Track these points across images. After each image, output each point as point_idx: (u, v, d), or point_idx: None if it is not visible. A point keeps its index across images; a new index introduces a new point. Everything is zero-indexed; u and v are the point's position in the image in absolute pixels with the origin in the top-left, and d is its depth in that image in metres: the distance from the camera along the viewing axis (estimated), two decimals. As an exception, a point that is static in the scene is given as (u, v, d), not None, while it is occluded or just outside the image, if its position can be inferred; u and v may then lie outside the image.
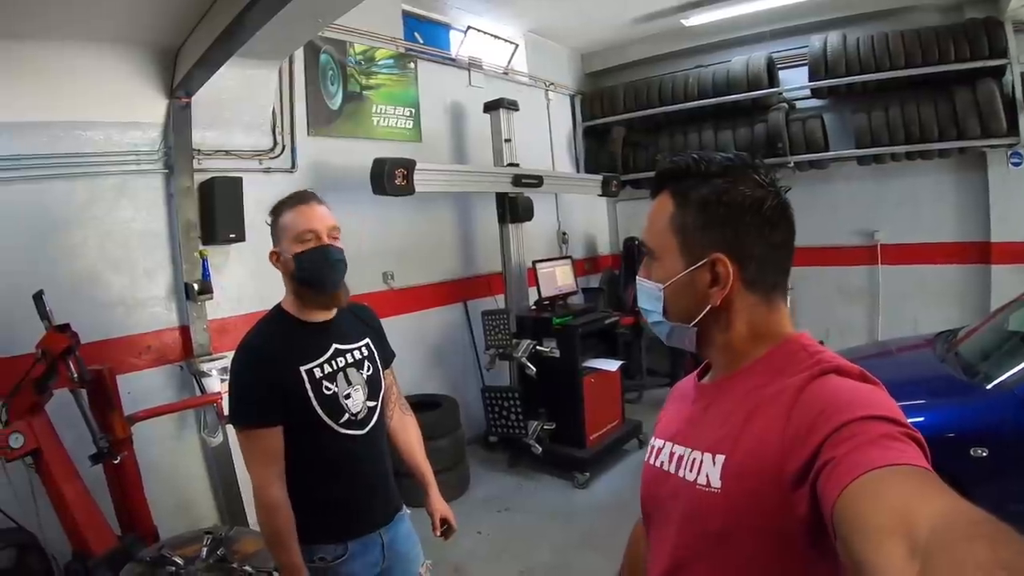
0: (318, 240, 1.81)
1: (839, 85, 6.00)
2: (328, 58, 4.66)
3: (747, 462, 0.89)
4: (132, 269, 3.64)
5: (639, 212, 7.63)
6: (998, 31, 5.28)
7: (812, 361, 0.93)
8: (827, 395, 0.85)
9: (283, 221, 1.83)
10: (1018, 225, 5.61)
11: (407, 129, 5.32)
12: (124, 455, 2.98)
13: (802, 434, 0.81)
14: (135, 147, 3.62)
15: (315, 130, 4.61)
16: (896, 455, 0.71)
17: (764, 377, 0.97)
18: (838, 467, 0.73)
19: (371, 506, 1.94)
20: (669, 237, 1.04)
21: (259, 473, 1.76)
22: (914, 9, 5.92)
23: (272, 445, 1.76)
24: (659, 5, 6.26)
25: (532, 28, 6.79)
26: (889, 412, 0.79)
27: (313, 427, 1.81)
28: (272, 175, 4.31)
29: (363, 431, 1.90)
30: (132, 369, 3.54)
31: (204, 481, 3.85)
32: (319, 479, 1.84)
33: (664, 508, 1.06)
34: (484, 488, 4.85)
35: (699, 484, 0.95)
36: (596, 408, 5.04)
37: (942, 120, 5.53)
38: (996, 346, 3.62)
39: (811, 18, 6.22)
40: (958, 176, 5.98)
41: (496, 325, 4.98)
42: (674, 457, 1.05)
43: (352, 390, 1.88)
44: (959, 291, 5.98)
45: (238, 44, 3.27)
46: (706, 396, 1.08)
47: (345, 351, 1.92)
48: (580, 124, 7.71)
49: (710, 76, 6.66)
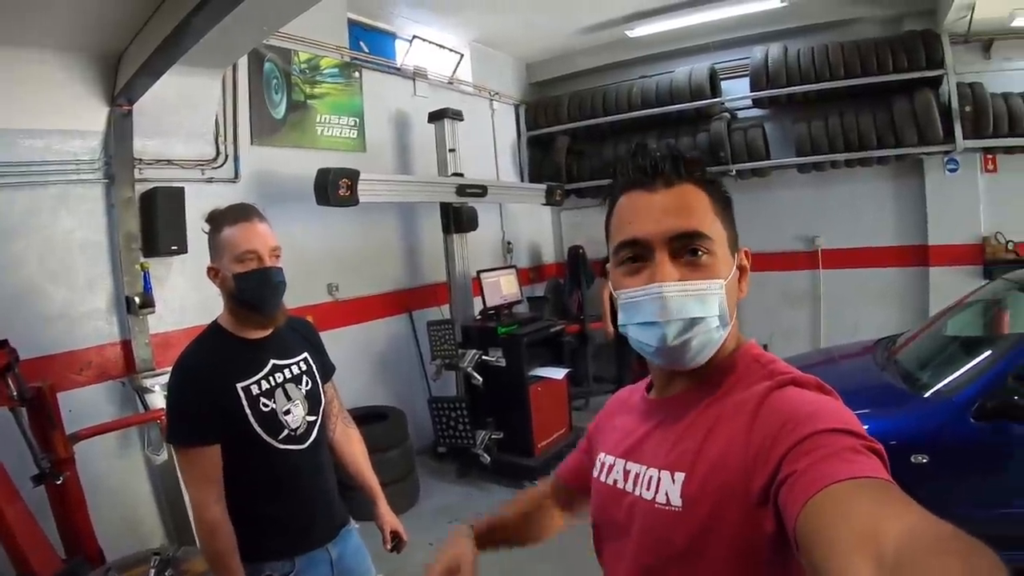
0: (259, 261, 1.78)
1: (780, 95, 6.23)
2: (272, 66, 4.61)
3: (709, 480, 0.87)
4: (73, 281, 3.52)
5: (584, 221, 7.83)
6: (935, 43, 5.57)
7: (766, 372, 0.93)
8: (787, 408, 0.84)
9: (223, 237, 1.79)
10: (954, 228, 5.92)
11: (351, 139, 5.30)
12: (67, 475, 2.89)
13: (765, 449, 0.81)
14: (76, 156, 3.52)
15: (259, 139, 4.55)
16: (859, 468, 0.71)
17: (719, 391, 0.95)
18: (800, 480, 0.72)
19: (316, 521, 1.92)
20: (718, 228, 0.96)
21: (198, 493, 1.73)
22: (854, 22, 6.20)
23: (210, 464, 1.73)
24: (604, 16, 6.42)
25: (477, 38, 6.84)
26: (849, 424, 0.78)
27: (252, 444, 1.79)
28: (215, 185, 4.22)
29: (303, 446, 1.88)
30: (73, 386, 3.42)
31: (150, 500, 3.75)
32: (261, 496, 1.82)
33: (620, 525, 1.03)
34: (434, 499, 4.83)
35: (658, 503, 0.93)
36: (543, 416, 5.10)
37: (880, 129, 5.79)
38: (934, 353, 3.76)
39: (753, 30, 6.46)
40: (896, 182, 6.27)
41: (441, 335, 4.99)
42: (629, 475, 1.03)
43: (291, 405, 1.87)
44: (899, 293, 6.26)
45: (182, 51, 3.23)
46: (658, 412, 1.05)
47: (283, 366, 1.90)
48: (524, 134, 7.80)
49: (653, 86, 6.84)
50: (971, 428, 2.90)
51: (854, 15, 6.16)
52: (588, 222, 7.87)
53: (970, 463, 2.96)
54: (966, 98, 5.51)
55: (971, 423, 2.90)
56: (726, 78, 6.80)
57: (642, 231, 0.94)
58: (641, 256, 0.95)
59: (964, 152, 5.69)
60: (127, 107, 3.62)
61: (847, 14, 6.16)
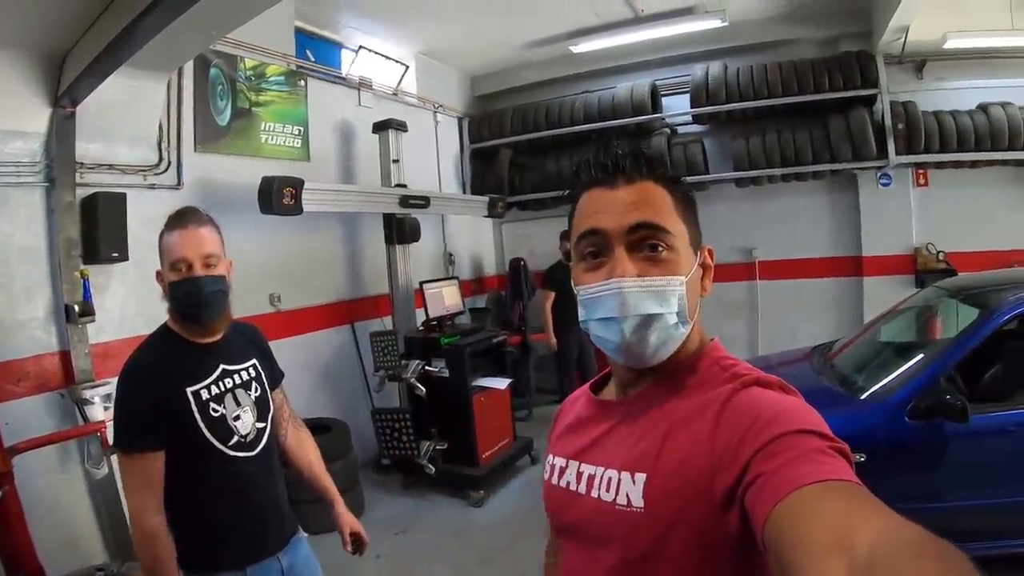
0: (189, 270, 1.76)
1: (720, 112, 6.49)
2: (218, 72, 4.53)
3: (672, 480, 0.87)
4: (9, 288, 3.37)
5: (526, 233, 7.97)
6: (870, 64, 5.93)
7: (729, 374, 0.93)
8: (753, 409, 0.84)
9: (163, 243, 1.79)
10: (887, 240, 6.29)
11: (295, 148, 5.25)
12: (6, 490, 2.77)
13: (731, 449, 0.81)
14: (16, 158, 3.37)
15: (202, 146, 4.46)
16: (828, 470, 0.71)
17: (681, 391, 0.95)
18: (769, 482, 0.72)
19: (267, 529, 1.90)
20: (680, 225, 0.97)
21: (136, 500, 1.69)
22: (792, 42, 6.51)
23: (152, 470, 1.69)
24: (549, 32, 6.56)
25: (423, 50, 6.88)
26: (816, 425, 0.79)
27: (201, 450, 1.76)
28: (157, 191, 4.12)
29: (253, 452, 1.86)
30: (10, 397, 3.27)
31: (90, 515, 3.58)
32: (210, 504, 1.80)
33: (578, 529, 1.02)
34: (380, 511, 4.79)
35: (619, 504, 0.92)
36: (487, 426, 5.12)
37: (817, 145, 6.10)
38: (869, 358, 3.96)
39: (694, 48, 6.68)
40: (831, 196, 6.60)
41: (384, 346, 4.99)
42: (583, 476, 1.01)
43: (241, 411, 1.85)
44: (835, 302, 6.57)
45: (129, 53, 3.17)
46: (614, 412, 1.04)
47: (232, 372, 1.88)
48: (468, 146, 7.84)
49: (596, 101, 7.01)
50: (906, 427, 3.06)
51: (792, 36, 6.47)
52: (530, 235, 8.00)
53: (906, 460, 3.11)
54: (899, 116, 5.86)
55: (906, 422, 3.06)
56: (667, 94, 7.03)
57: (601, 222, 0.95)
58: (601, 251, 0.96)
59: (897, 167, 6.05)
60: (71, 108, 3.50)
61: (785, 35, 6.47)
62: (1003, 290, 3.45)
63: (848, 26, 6.21)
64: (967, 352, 3.23)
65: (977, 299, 3.52)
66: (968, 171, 6.06)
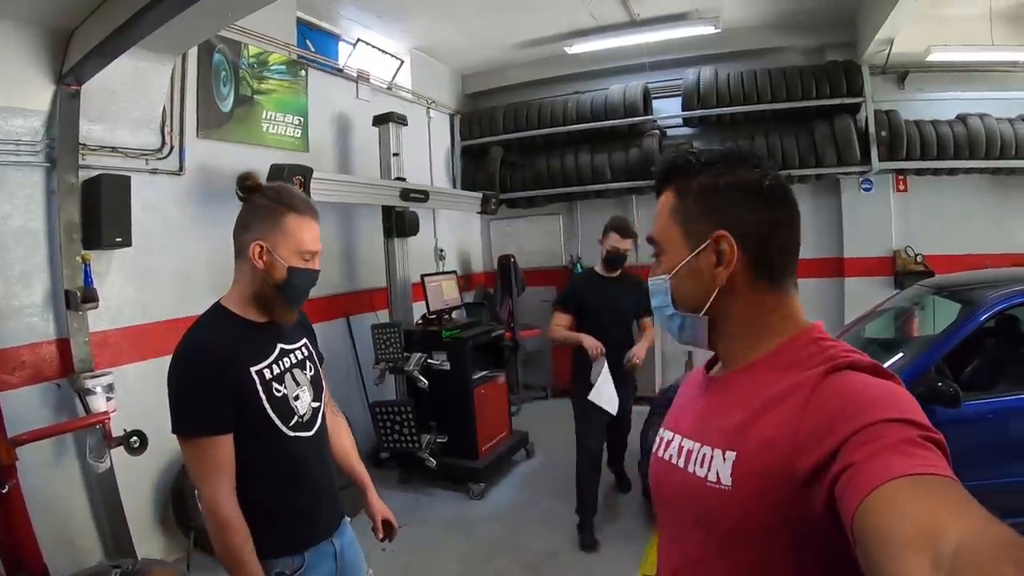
0: (313, 263, 1.78)
1: (710, 115, 6.61)
2: (222, 58, 4.40)
3: (759, 459, 0.88)
4: (6, 272, 3.21)
5: (515, 231, 7.98)
6: (855, 73, 6.14)
7: (825, 356, 0.93)
8: (844, 393, 0.83)
9: (291, 223, 1.72)
10: (867, 242, 6.50)
11: (295, 138, 5.13)
12: (11, 484, 2.63)
13: (819, 433, 0.80)
14: (16, 136, 3.22)
15: (205, 132, 4.33)
16: (919, 463, 0.69)
17: (775, 372, 0.96)
18: (858, 473, 0.71)
19: (323, 511, 1.85)
20: (672, 229, 1.07)
21: (211, 488, 1.61)
22: (781, 50, 6.70)
23: (224, 455, 1.62)
24: (544, 32, 6.57)
25: (418, 45, 6.83)
26: (909, 413, 0.77)
27: (264, 432, 1.70)
28: (159, 177, 4.00)
29: (311, 433, 1.81)
30: (5, 387, 3.11)
31: (86, 512, 3.42)
32: (271, 487, 1.73)
33: (673, 502, 1.06)
34: (379, 504, 4.72)
35: (709, 481, 0.94)
36: (487, 419, 5.11)
37: (803, 150, 6.29)
38: None
39: (686, 53, 6.79)
40: (815, 199, 6.77)
41: (387, 339, 4.90)
42: (683, 451, 1.04)
43: (300, 391, 1.80)
44: (817, 301, 6.67)
45: (142, 33, 3.08)
46: (715, 390, 1.08)
47: (289, 351, 1.83)
48: (459, 143, 7.81)
49: (588, 102, 7.04)
50: None
51: (781, 44, 6.65)
52: (518, 232, 8.01)
53: None
54: (883, 124, 6.07)
55: None
56: (658, 97, 7.11)
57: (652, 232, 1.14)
58: None
59: (879, 173, 6.25)
60: (75, 87, 3.36)
61: (774, 43, 6.64)
62: (984, 288, 3.60)
63: (834, 36, 6.41)
64: (956, 343, 3.35)
65: (961, 296, 3.68)
66: (946, 178, 6.29)
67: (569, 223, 7.97)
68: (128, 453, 3.29)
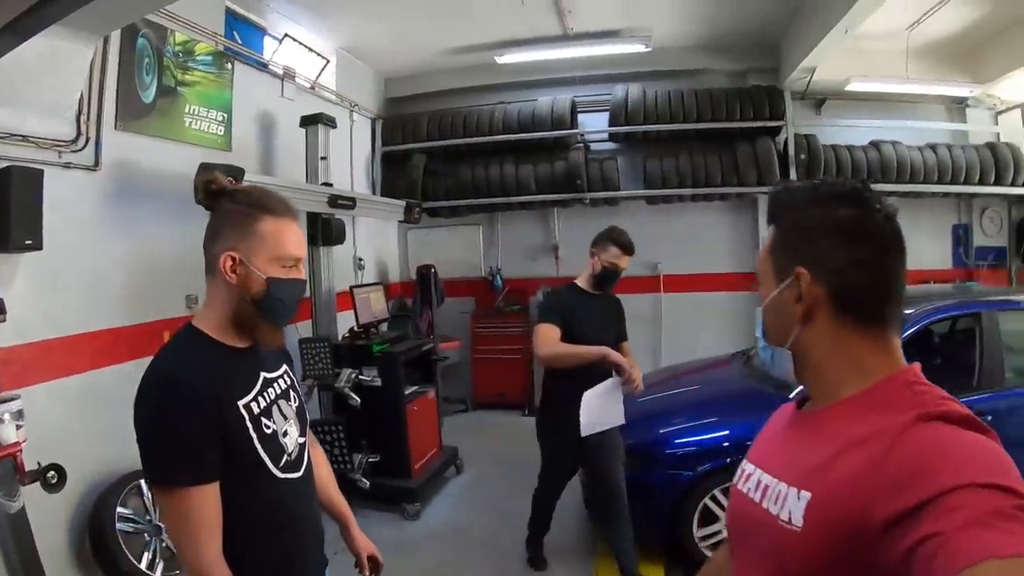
0: (297, 272, 1.54)
1: (636, 132, 6.80)
2: (146, 43, 3.99)
3: (832, 504, 0.85)
4: None
5: (435, 240, 7.86)
6: (777, 98, 6.54)
7: (916, 402, 0.88)
8: (933, 447, 0.79)
9: (266, 228, 1.47)
10: None
11: (218, 135, 4.75)
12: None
13: (899, 486, 0.77)
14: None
15: (123, 124, 3.90)
16: (1006, 543, 0.65)
17: (861, 414, 0.92)
18: (946, 547, 0.67)
19: (309, 559, 1.67)
20: (767, 261, 1.10)
21: (195, 549, 1.37)
22: (707, 71, 7.01)
23: (212, 507, 1.38)
24: (476, 39, 6.50)
25: (344, 45, 6.56)
26: (1001, 477, 0.73)
27: (249, 475, 1.46)
28: (71, 171, 3.55)
29: (299, 473, 1.60)
30: None
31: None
32: (258, 537, 1.50)
33: (747, 536, 1.05)
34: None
35: (781, 519, 0.92)
36: (419, 436, 4.96)
37: (725, 169, 6.59)
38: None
39: (616, 69, 6.95)
40: (733, 217, 7.12)
41: (315, 354, 4.62)
42: (760, 485, 1.03)
43: (288, 426, 1.58)
44: (732, 315, 7.00)
45: (64, 11, 2.73)
46: (799, 426, 1.06)
47: (272, 380, 1.60)
48: (379, 149, 7.56)
49: (516, 112, 7.04)
50: None
51: (708, 65, 6.97)
52: (438, 241, 7.87)
53: None
54: (802, 147, 6.50)
55: None
56: (586, 111, 7.22)
57: None
58: None
59: (797, 194, 6.67)
60: (-13, 66, 2.92)
61: (702, 64, 6.96)
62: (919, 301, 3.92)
63: (758, 61, 6.80)
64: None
65: None
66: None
67: (490, 233, 7.90)
68: (44, 490, 2.86)
